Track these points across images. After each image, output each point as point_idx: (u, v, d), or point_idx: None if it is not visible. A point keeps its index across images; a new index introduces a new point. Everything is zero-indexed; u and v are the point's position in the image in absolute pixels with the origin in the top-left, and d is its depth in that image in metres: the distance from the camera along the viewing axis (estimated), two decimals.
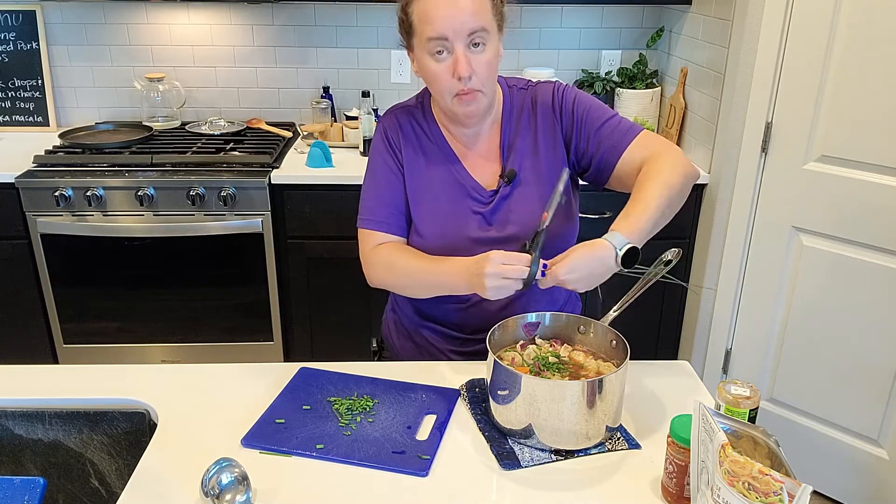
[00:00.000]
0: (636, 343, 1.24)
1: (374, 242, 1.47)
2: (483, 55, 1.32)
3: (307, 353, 2.71)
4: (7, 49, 2.87)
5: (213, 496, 0.98)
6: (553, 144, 1.46)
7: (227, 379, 1.37)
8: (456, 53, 1.30)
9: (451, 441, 1.20)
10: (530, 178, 1.45)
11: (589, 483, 1.11)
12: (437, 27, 1.28)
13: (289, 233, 2.54)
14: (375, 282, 1.48)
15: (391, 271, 1.44)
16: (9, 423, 1.27)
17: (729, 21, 2.32)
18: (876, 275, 2.09)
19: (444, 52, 1.31)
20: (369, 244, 1.47)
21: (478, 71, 1.31)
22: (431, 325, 1.56)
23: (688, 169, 1.39)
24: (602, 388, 1.13)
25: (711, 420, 0.94)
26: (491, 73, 1.35)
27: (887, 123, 1.99)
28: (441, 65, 1.32)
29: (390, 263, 1.44)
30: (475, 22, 1.29)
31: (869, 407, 2.18)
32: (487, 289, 1.23)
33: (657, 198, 1.30)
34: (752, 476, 0.87)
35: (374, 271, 1.47)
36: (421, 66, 1.36)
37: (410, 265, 1.41)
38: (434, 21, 1.28)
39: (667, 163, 1.35)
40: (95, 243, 2.48)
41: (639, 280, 1.31)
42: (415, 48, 1.36)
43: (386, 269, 1.45)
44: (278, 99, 3.02)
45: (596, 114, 1.43)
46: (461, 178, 1.46)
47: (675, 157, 1.38)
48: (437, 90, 1.37)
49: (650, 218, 1.28)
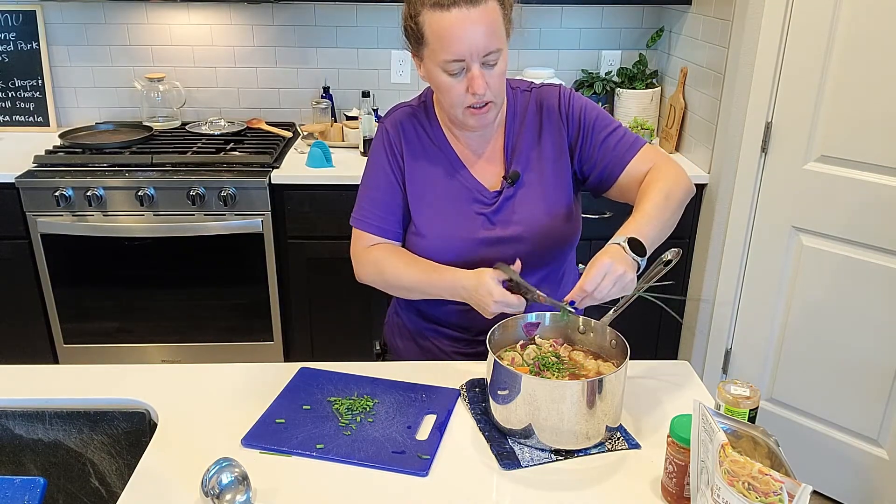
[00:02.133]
0: (636, 343, 1.24)
1: (366, 243, 1.49)
2: (496, 69, 1.32)
3: (307, 353, 2.72)
4: (7, 49, 2.87)
5: (213, 496, 0.98)
6: (558, 148, 1.46)
7: (227, 379, 1.37)
8: (472, 72, 1.30)
9: (451, 441, 1.20)
10: (534, 179, 1.46)
11: (589, 483, 1.11)
12: (455, 50, 1.27)
13: (289, 233, 2.54)
14: (364, 280, 1.50)
15: (380, 275, 1.47)
16: (9, 423, 1.27)
17: (729, 21, 2.32)
18: (876, 275, 2.09)
19: (460, 70, 1.30)
20: (361, 243, 1.49)
21: (491, 84, 1.32)
22: (435, 328, 1.56)
23: (688, 184, 1.42)
24: (602, 388, 1.13)
25: (711, 420, 0.94)
26: (502, 84, 1.36)
27: (887, 123, 1.99)
28: (455, 80, 1.31)
29: (380, 268, 1.46)
30: (492, 43, 1.28)
31: (869, 407, 2.18)
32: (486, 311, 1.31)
33: (659, 208, 1.32)
34: (751, 476, 0.87)
35: (363, 270, 1.49)
36: (432, 77, 1.35)
37: (400, 272, 1.44)
38: (452, 44, 1.27)
39: (669, 176, 1.39)
40: (96, 243, 2.48)
41: (639, 280, 1.31)
42: (425, 59, 1.34)
43: (375, 271, 1.47)
44: (278, 99, 3.02)
45: (602, 123, 1.45)
46: (464, 181, 1.46)
47: (677, 171, 1.42)
48: (448, 102, 1.36)
49: (652, 226, 1.30)
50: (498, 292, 1.28)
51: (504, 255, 1.40)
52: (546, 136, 1.46)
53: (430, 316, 1.56)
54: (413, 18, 1.32)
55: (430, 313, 1.55)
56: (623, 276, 1.20)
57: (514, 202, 1.45)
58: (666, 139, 2.79)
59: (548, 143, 1.46)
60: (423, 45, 1.32)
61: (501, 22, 1.31)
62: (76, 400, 1.29)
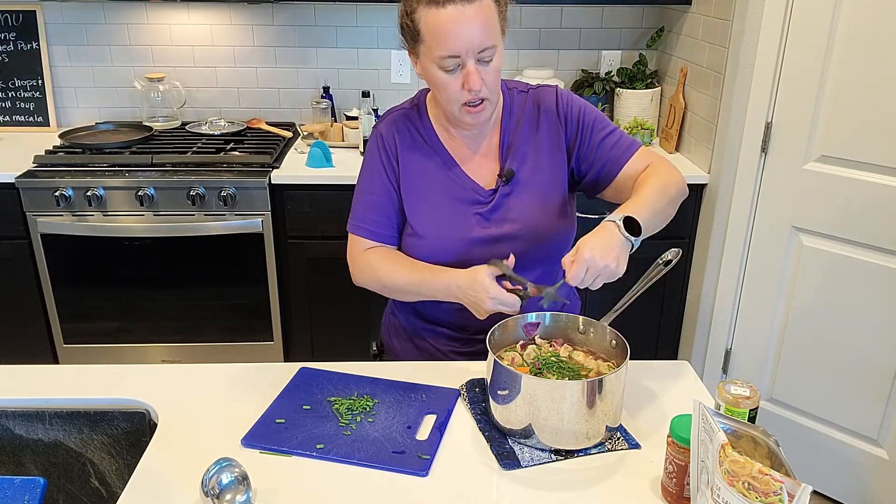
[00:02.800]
0: (636, 343, 1.25)
1: (361, 247, 1.50)
2: (491, 65, 1.33)
3: (307, 353, 2.72)
4: (7, 49, 2.87)
5: (213, 496, 0.98)
6: (556, 148, 1.47)
7: (227, 379, 1.37)
8: (468, 68, 1.31)
9: (451, 441, 1.20)
10: (529, 177, 1.46)
11: (589, 483, 1.11)
12: (451, 46, 1.28)
13: (289, 233, 2.54)
14: (360, 284, 1.52)
15: (376, 279, 1.48)
16: (9, 423, 1.28)
17: (729, 21, 2.32)
18: (876, 275, 2.09)
19: (455, 66, 1.31)
20: (357, 248, 1.51)
21: (487, 81, 1.33)
22: (432, 327, 1.57)
23: (682, 183, 1.44)
24: (602, 388, 1.13)
25: (711, 420, 0.94)
26: (497, 80, 1.38)
27: (887, 123, 1.99)
28: (451, 76, 1.32)
29: (375, 272, 1.47)
30: (487, 40, 1.29)
31: (869, 407, 2.18)
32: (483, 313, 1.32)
33: (654, 197, 1.34)
34: (751, 476, 0.87)
35: (359, 274, 1.51)
36: (427, 74, 1.36)
37: (395, 274, 1.45)
38: (447, 40, 1.28)
39: (664, 173, 1.41)
40: (96, 243, 2.48)
41: (639, 280, 1.32)
42: (420, 55, 1.35)
43: (371, 275, 1.48)
44: (278, 99, 3.02)
45: (601, 125, 1.47)
46: (459, 180, 1.47)
47: (672, 170, 1.44)
48: (444, 98, 1.37)
49: (648, 210, 1.30)
50: (494, 289, 1.29)
51: (500, 253, 1.40)
52: (543, 134, 1.47)
53: (426, 315, 1.57)
54: (409, 16, 1.33)
55: (427, 313, 1.56)
56: (605, 269, 1.21)
57: (509, 200, 1.46)
58: (666, 139, 2.79)
59: (545, 142, 1.47)
60: (419, 42, 1.33)
61: (497, 19, 1.32)
62: (76, 400, 1.29)
